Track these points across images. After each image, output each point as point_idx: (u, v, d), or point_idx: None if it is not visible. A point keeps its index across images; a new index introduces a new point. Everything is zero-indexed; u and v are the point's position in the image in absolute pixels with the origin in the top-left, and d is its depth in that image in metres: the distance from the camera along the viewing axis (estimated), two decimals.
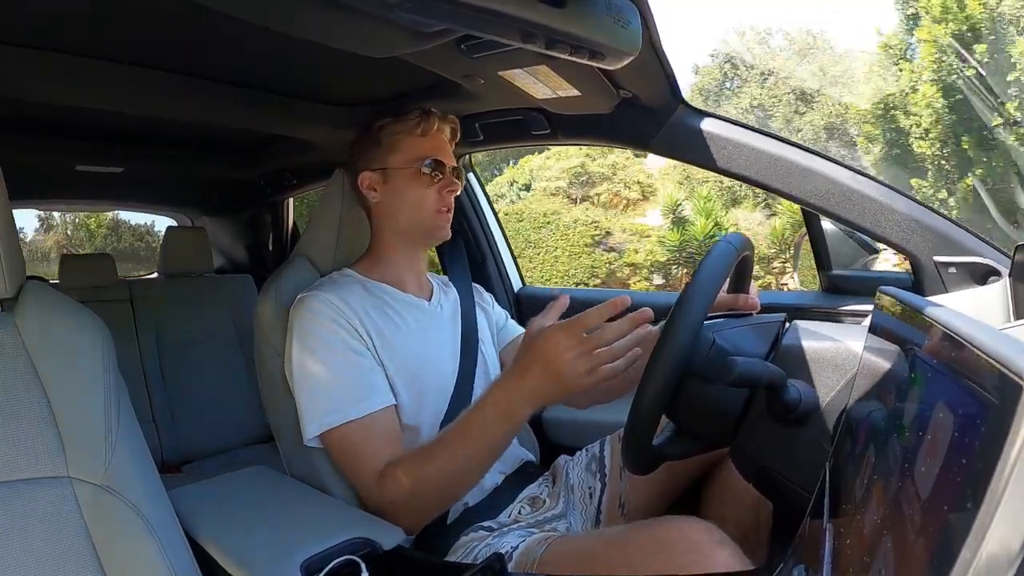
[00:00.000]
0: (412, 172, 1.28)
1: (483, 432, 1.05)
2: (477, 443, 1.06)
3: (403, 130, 1.31)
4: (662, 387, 0.95)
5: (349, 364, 1.16)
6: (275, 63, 1.43)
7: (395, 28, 0.96)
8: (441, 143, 1.33)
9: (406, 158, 1.29)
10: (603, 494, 1.32)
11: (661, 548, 0.95)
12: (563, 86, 1.31)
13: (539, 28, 0.89)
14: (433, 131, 1.31)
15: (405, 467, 1.09)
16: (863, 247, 1.54)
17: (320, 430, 1.14)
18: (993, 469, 0.35)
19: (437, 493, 1.11)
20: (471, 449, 1.06)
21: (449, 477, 1.08)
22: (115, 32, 1.22)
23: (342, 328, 1.18)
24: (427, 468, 1.08)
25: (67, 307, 0.97)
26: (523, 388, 1.02)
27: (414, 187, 1.29)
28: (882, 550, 0.50)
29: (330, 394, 1.14)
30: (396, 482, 1.09)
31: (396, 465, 1.10)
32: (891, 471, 0.54)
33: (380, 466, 1.12)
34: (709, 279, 0.99)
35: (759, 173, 1.39)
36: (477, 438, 1.06)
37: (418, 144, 1.30)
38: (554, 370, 0.98)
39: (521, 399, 1.02)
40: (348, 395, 1.14)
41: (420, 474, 1.08)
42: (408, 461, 1.10)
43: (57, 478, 0.88)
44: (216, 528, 1.07)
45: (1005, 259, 1.24)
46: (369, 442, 1.13)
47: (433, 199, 1.29)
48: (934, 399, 0.50)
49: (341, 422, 1.13)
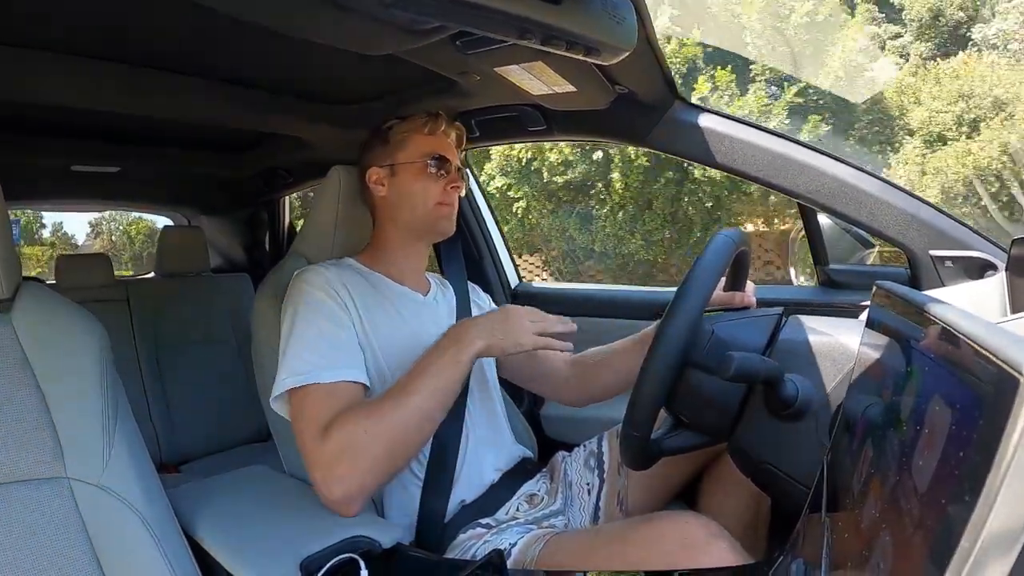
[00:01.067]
0: (418, 168, 1.30)
1: (435, 370, 1.10)
2: (427, 381, 1.09)
3: (411, 128, 1.33)
4: (661, 376, 0.96)
5: (329, 332, 1.16)
6: (270, 62, 1.42)
7: (390, 26, 0.96)
8: (447, 143, 1.35)
9: (413, 154, 1.31)
10: (601, 490, 1.32)
11: (660, 543, 0.95)
12: (559, 82, 1.31)
13: (534, 24, 0.89)
14: (440, 131, 1.34)
15: (352, 413, 1.06)
16: (859, 242, 1.54)
17: (286, 387, 1.11)
18: (991, 462, 0.35)
19: (385, 444, 1.05)
20: (420, 389, 1.08)
21: (397, 423, 1.06)
22: (110, 32, 1.22)
23: (330, 298, 1.19)
24: (383, 403, 1.08)
25: (64, 307, 0.97)
26: (478, 322, 1.16)
27: (419, 182, 1.30)
28: (880, 543, 0.50)
29: (304, 356, 1.13)
30: (341, 428, 1.04)
31: (343, 413, 1.07)
32: (889, 464, 0.54)
33: (331, 419, 1.08)
34: (707, 270, 1.00)
35: (755, 168, 1.39)
36: (428, 376, 1.10)
37: (425, 142, 1.32)
38: (509, 318, 1.17)
39: (474, 331, 1.14)
40: (320, 360, 1.12)
41: (367, 419, 1.05)
42: (355, 408, 1.08)
43: (55, 479, 0.88)
44: (215, 527, 1.07)
45: (1002, 253, 1.24)
46: (327, 406, 1.09)
47: (437, 194, 1.30)
48: (931, 393, 0.50)
49: (307, 383, 1.10)
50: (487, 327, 1.15)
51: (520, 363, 1.47)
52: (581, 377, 1.45)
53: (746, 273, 1.26)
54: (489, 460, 1.31)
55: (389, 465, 1.07)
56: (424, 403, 1.08)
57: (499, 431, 1.38)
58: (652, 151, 1.74)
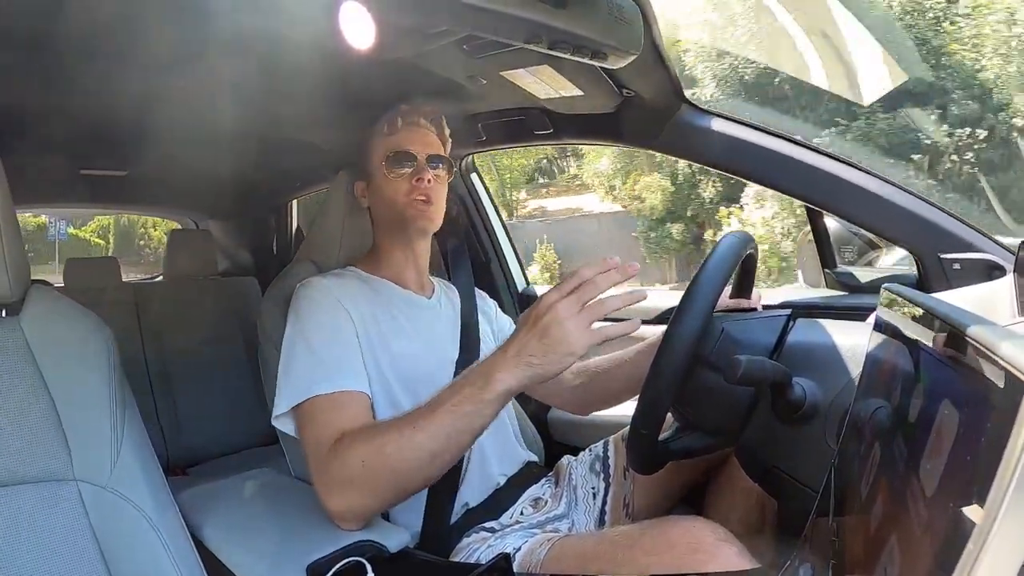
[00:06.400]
0: (381, 170, 1.30)
1: (449, 407, 0.95)
2: (438, 419, 0.95)
3: (372, 133, 1.34)
4: (671, 374, 0.95)
5: (329, 344, 1.15)
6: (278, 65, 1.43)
7: (399, 30, 0.96)
8: (410, 136, 1.32)
9: (376, 158, 1.32)
10: (607, 494, 1.32)
11: (666, 548, 0.95)
12: (565, 86, 1.31)
13: (542, 28, 0.89)
14: (402, 126, 1.32)
15: (353, 441, 1.01)
16: (868, 244, 1.54)
17: (288, 406, 1.11)
18: (998, 466, 0.35)
19: (392, 471, 0.98)
20: (428, 427, 0.96)
21: (398, 461, 0.97)
22: (119, 35, 1.22)
23: (331, 310, 1.19)
24: (387, 436, 0.98)
25: (72, 310, 0.98)
26: (507, 353, 0.93)
27: (386, 184, 1.30)
28: (888, 547, 0.50)
29: (305, 370, 1.12)
30: (341, 455, 1.00)
31: (353, 432, 1.02)
32: (897, 469, 0.54)
33: (337, 436, 1.04)
34: (717, 269, 1.00)
35: (763, 171, 1.38)
36: (441, 413, 0.95)
37: (384, 143, 1.31)
38: (550, 332, 0.90)
39: (502, 364, 0.93)
40: (318, 372, 1.11)
41: (378, 442, 0.98)
42: (367, 428, 1.03)
43: (63, 481, 0.89)
44: (222, 531, 1.07)
45: (1010, 256, 1.23)
46: (327, 419, 1.06)
47: (404, 190, 1.28)
48: (939, 396, 0.50)
49: (307, 396, 1.09)
50: (520, 357, 0.92)
51: None
52: (587, 385, 1.43)
53: (752, 278, 1.26)
54: (495, 465, 1.31)
55: (391, 496, 1.03)
56: (431, 443, 0.96)
57: (506, 436, 1.38)
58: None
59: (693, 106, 1.44)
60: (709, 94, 10.55)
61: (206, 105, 1.59)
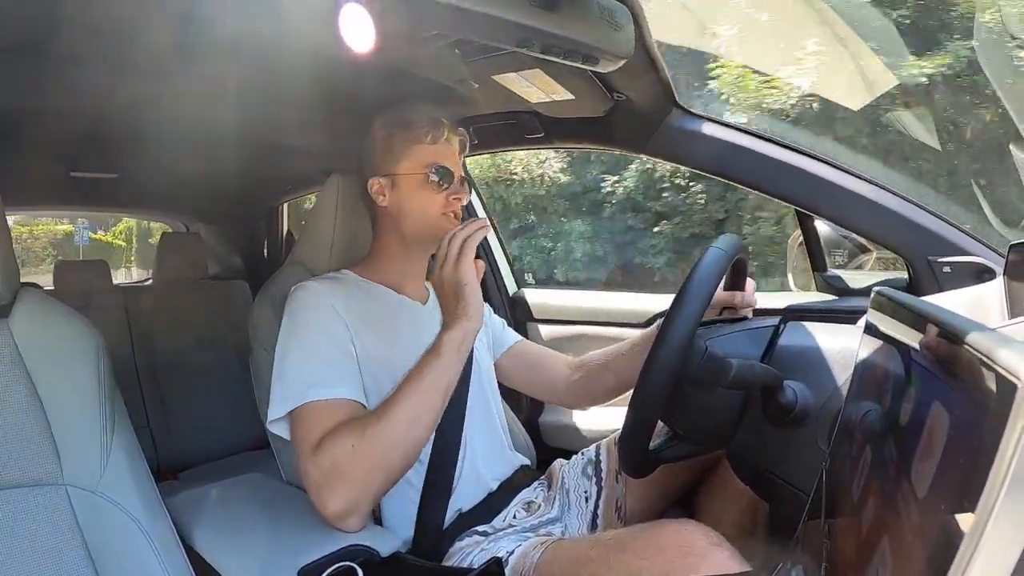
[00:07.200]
0: (420, 179, 1.28)
1: (415, 375, 1.07)
2: (408, 387, 1.06)
3: (413, 138, 1.30)
4: (656, 394, 0.94)
5: (323, 351, 1.15)
6: (269, 69, 1.42)
7: (390, 33, 0.96)
8: (449, 152, 1.32)
9: (414, 165, 1.28)
10: (599, 498, 1.32)
11: (658, 551, 0.95)
12: (557, 89, 1.31)
13: (533, 32, 0.89)
14: (442, 140, 1.30)
15: (339, 432, 1.04)
16: (858, 247, 1.54)
17: (283, 412, 1.11)
18: (990, 468, 0.35)
19: (374, 459, 1.03)
20: (401, 399, 1.05)
21: (384, 436, 1.03)
22: (110, 38, 1.22)
23: (325, 316, 1.19)
24: (366, 419, 1.05)
25: (62, 314, 0.97)
26: (443, 322, 1.12)
27: (421, 193, 1.28)
28: (880, 550, 0.50)
29: (300, 375, 1.12)
30: (329, 448, 1.03)
31: (336, 427, 1.05)
32: (888, 471, 0.54)
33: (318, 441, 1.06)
34: (701, 285, 0.98)
35: (753, 175, 1.39)
36: (409, 382, 1.06)
37: (427, 151, 1.29)
38: (449, 286, 1.11)
39: (444, 329, 1.10)
40: (313, 378, 1.11)
41: (359, 426, 1.04)
42: (343, 426, 1.05)
43: (52, 485, 0.88)
44: (212, 535, 1.06)
45: (1000, 258, 1.24)
46: (319, 425, 1.07)
47: (439, 205, 1.28)
48: (930, 399, 0.50)
49: (300, 403, 1.09)
50: (452, 315, 1.11)
51: (521, 370, 1.47)
52: (584, 380, 1.44)
53: (744, 275, 1.26)
54: (487, 469, 1.31)
55: (382, 479, 1.05)
56: (407, 413, 1.04)
57: (498, 440, 1.38)
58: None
59: (684, 110, 1.44)
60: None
61: (196, 108, 1.58)
